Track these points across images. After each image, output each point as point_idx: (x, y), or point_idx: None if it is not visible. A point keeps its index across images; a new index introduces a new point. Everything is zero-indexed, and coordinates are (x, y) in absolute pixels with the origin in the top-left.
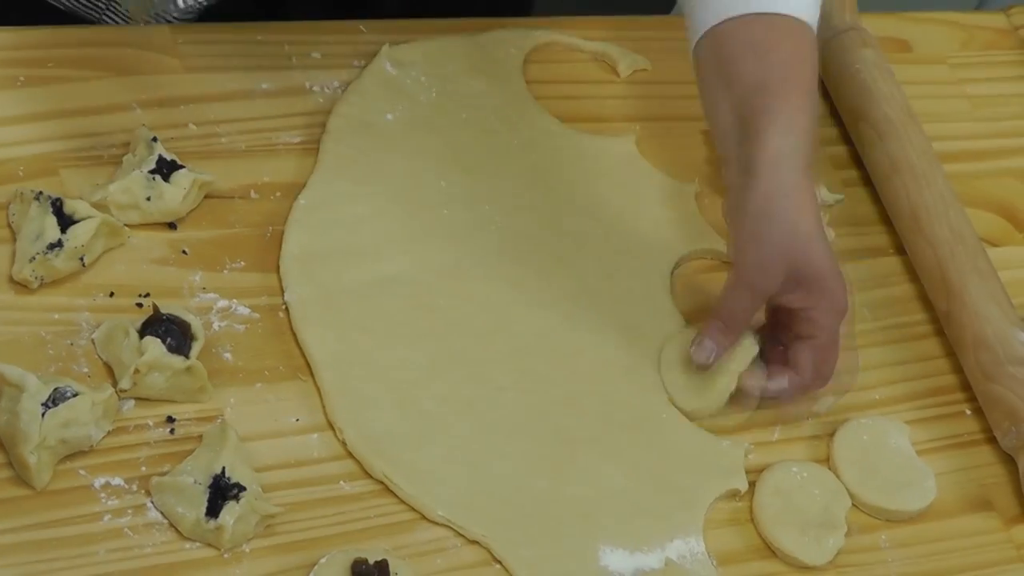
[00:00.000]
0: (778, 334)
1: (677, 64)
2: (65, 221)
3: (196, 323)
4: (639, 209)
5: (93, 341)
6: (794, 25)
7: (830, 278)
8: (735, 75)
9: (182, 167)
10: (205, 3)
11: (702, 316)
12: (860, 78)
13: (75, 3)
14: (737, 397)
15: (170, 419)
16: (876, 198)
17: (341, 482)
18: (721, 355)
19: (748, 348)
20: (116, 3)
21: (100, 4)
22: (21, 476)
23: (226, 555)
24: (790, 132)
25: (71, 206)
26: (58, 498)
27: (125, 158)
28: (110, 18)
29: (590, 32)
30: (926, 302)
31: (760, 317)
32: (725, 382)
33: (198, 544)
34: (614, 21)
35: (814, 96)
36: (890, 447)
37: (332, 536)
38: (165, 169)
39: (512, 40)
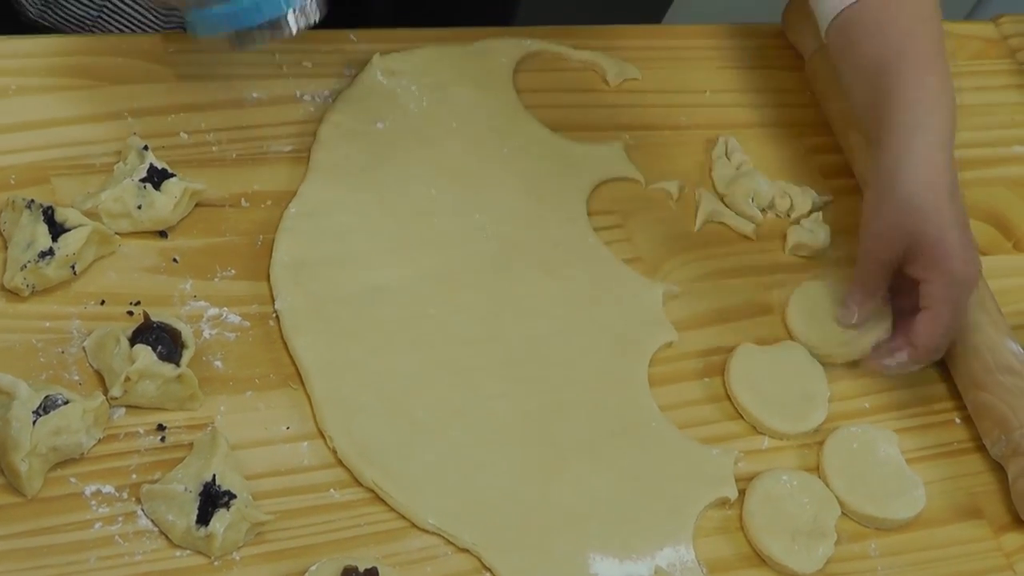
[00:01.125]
0: (903, 303)
1: (666, 73)
2: (56, 229)
3: (187, 331)
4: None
5: (84, 349)
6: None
7: (949, 250)
8: (859, 58)
9: (173, 176)
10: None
11: (693, 324)
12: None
13: (59, 21)
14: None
15: (161, 427)
16: None
17: (331, 490)
18: (862, 317)
19: (885, 318)
20: (102, 21)
21: (87, 21)
22: (12, 483)
23: (216, 563)
24: (913, 105)
25: (62, 214)
26: (49, 505)
27: (116, 167)
28: (97, 33)
29: (580, 41)
30: None
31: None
32: (866, 343)
33: (188, 552)
34: (604, 31)
35: (939, 62)
36: (879, 455)
37: (322, 544)
38: (156, 178)
39: (503, 49)
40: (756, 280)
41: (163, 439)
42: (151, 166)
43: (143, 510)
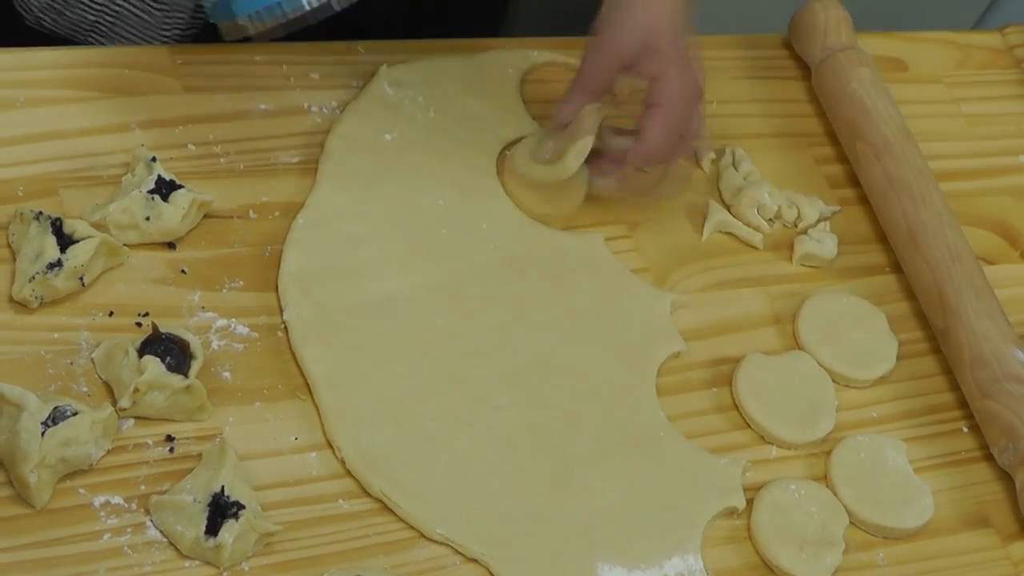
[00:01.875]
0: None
1: None
2: (65, 241)
3: (195, 342)
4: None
5: (93, 360)
6: None
7: (683, 52)
8: None
9: (181, 187)
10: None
11: (701, 334)
12: (857, 97)
13: (57, 26)
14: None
15: (169, 438)
16: (873, 217)
17: (340, 500)
18: (574, 116)
19: (597, 111)
20: (100, 25)
21: (84, 26)
22: (21, 495)
23: (225, 573)
24: None
25: (71, 226)
26: (58, 517)
27: (124, 178)
28: (95, 39)
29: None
30: (923, 320)
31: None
32: (582, 144)
33: (197, 562)
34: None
35: None
36: (888, 465)
37: (331, 554)
38: (164, 189)
39: (509, 60)
40: (764, 290)
41: (172, 450)
42: (159, 177)
43: (152, 521)
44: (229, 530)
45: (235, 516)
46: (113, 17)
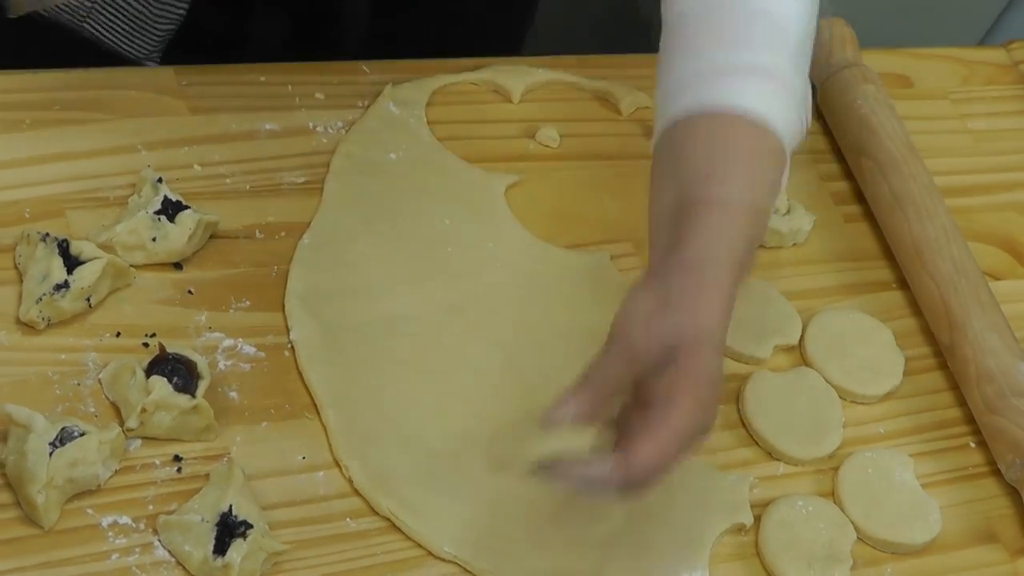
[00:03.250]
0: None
1: None
2: (71, 262)
3: (202, 362)
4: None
5: (100, 381)
6: (764, 132)
7: (708, 383)
8: (684, 161)
9: (187, 208)
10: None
11: None
12: (862, 113)
13: (56, 10)
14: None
15: (177, 458)
16: (879, 233)
17: (347, 519)
18: (579, 420)
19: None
20: (97, 12)
21: (80, 12)
22: (29, 515)
23: None
24: (724, 229)
25: (77, 247)
26: (66, 537)
27: (131, 199)
28: (90, 25)
29: (590, 70)
30: (929, 335)
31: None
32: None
33: None
34: (614, 59)
35: (762, 202)
36: (895, 480)
37: (339, 573)
38: (170, 210)
39: (512, 78)
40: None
41: (179, 470)
42: (165, 198)
43: (160, 541)
44: (237, 549)
45: (243, 535)
46: (107, 6)
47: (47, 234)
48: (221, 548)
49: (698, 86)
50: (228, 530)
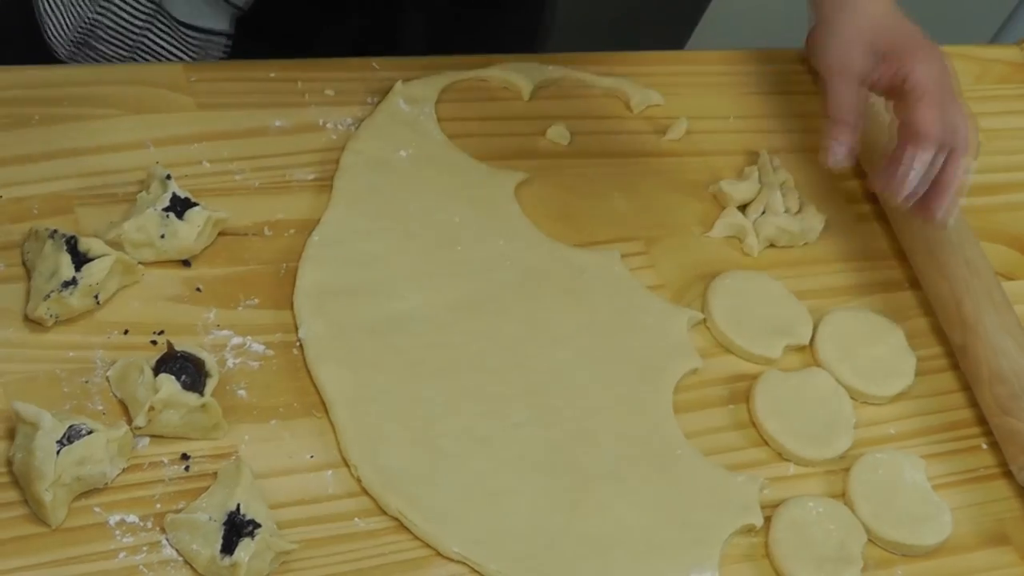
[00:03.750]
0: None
1: (690, 99)
2: (79, 259)
3: (210, 360)
4: None
5: (108, 379)
6: None
7: (916, 39)
8: None
9: (196, 204)
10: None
11: (718, 351)
12: (874, 111)
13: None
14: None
15: (185, 456)
16: (891, 232)
17: (356, 519)
18: (853, 152)
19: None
20: (136, 61)
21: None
22: (37, 514)
23: None
24: None
25: (85, 244)
26: (73, 535)
27: (139, 196)
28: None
29: (602, 68)
30: (941, 336)
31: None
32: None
33: None
34: (626, 56)
35: None
36: (906, 482)
37: (347, 573)
38: (179, 207)
39: (523, 74)
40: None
41: (187, 468)
42: (174, 195)
43: (168, 540)
44: (245, 548)
45: (251, 534)
46: (148, 55)
47: (55, 231)
48: (229, 547)
49: None
50: (236, 529)
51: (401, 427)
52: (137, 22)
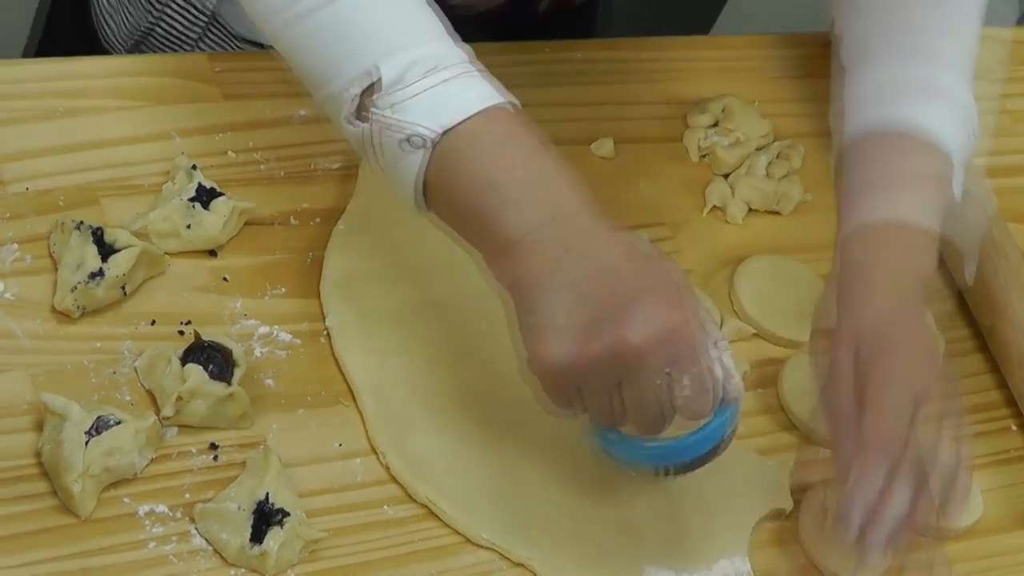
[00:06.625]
0: None
1: (715, 84)
2: (106, 250)
3: (238, 350)
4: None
5: (135, 369)
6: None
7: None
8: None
9: (222, 195)
10: None
11: (746, 336)
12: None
13: None
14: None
15: (213, 446)
16: None
17: (385, 507)
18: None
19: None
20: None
21: None
22: (66, 505)
23: None
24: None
25: (111, 235)
26: (103, 526)
27: (165, 186)
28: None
29: (629, 53)
30: (969, 317)
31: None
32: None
33: (243, 570)
34: (651, 42)
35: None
36: (935, 464)
37: (377, 561)
38: (205, 197)
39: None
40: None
41: (216, 458)
42: (199, 185)
43: (197, 529)
44: (274, 537)
45: (280, 523)
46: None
47: (81, 222)
48: (258, 536)
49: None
50: (265, 518)
51: (429, 415)
52: (191, 33)
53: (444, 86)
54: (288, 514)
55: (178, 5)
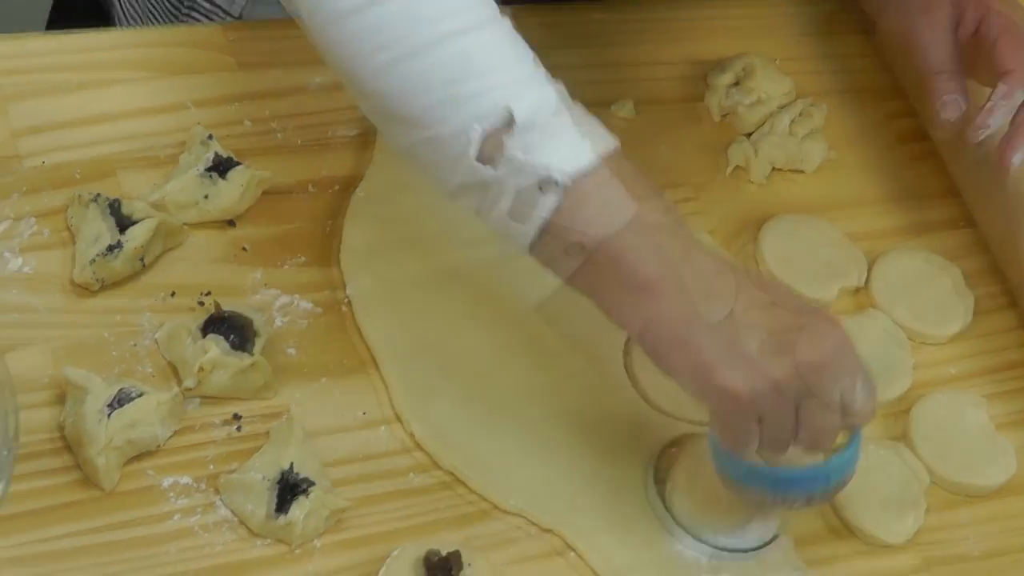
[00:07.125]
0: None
1: (736, 42)
2: (123, 222)
3: (258, 320)
4: None
5: (156, 341)
6: None
7: None
8: None
9: (239, 164)
10: None
11: None
12: None
13: None
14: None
15: (236, 416)
16: (944, 171)
17: (410, 475)
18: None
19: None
20: None
21: None
22: (90, 478)
23: (297, 551)
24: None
25: (129, 207)
26: (127, 499)
27: (181, 157)
28: None
29: (646, 14)
30: (999, 274)
31: None
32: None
33: (269, 541)
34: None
35: None
36: (968, 422)
37: (403, 529)
38: (222, 167)
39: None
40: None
41: (239, 428)
42: (216, 155)
43: (222, 500)
44: (299, 507)
45: (305, 493)
46: None
47: (98, 195)
48: (283, 506)
49: None
50: (290, 488)
51: (453, 381)
52: None
53: (570, 128)
54: (313, 483)
55: (204, 9)
